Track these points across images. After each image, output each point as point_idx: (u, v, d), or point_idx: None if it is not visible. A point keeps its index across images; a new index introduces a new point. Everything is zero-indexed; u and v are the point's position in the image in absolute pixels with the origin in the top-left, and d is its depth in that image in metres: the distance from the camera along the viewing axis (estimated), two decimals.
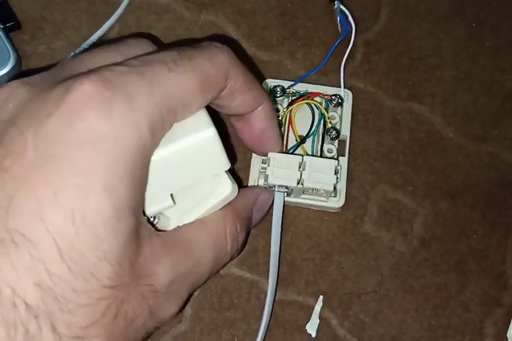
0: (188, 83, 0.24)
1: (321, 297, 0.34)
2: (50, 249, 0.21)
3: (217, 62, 0.26)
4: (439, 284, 0.35)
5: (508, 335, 0.34)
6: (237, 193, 0.29)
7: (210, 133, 0.26)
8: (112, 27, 0.40)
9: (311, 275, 0.35)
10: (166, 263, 0.25)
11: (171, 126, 0.25)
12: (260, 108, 0.30)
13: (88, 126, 0.22)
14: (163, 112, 0.24)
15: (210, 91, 0.26)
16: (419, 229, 0.36)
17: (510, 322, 0.34)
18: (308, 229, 0.36)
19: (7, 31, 0.38)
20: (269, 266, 0.33)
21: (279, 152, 0.34)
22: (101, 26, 0.39)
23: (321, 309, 0.34)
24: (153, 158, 0.24)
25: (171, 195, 0.27)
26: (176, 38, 0.40)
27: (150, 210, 0.26)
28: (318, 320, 0.34)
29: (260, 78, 0.38)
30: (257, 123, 0.31)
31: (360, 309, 0.34)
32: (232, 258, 0.30)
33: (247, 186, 0.35)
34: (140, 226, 0.24)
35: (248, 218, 0.31)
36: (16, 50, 0.38)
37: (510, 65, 0.40)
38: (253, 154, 0.36)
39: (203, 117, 0.26)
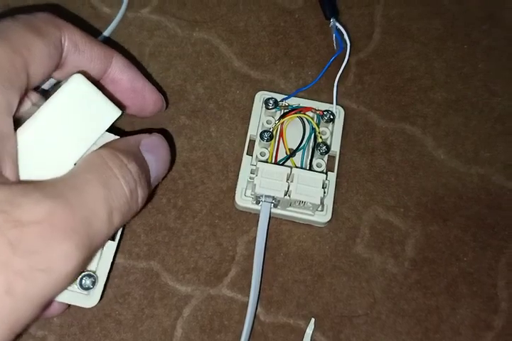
0: (20, 29, 0.26)
1: (313, 319, 0.34)
2: None
3: (40, 16, 0.27)
4: (430, 307, 0.35)
5: None
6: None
7: (78, 78, 0.26)
8: (104, 42, 0.39)
9: (302, 298, 0.35)
10: (34, 194, 0.22)
11: (27, 81, 0.25)
12: (114, 60, 0.31)
13: None
14: (13, 59, 0.24)
15: (44, 35, 0.26)
16: (410, 251, 0.36)
17: None
18: (300, 250, 0.36)
19: None
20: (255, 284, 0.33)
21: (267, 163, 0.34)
22: None
23: (313, 332, 0.34)
24: (35, 126, 0.25)
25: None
26: (169, 54, 0.40)
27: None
28: None
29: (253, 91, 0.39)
30: (121, 75, 0.32)
31: (351, 332, 0.34)
32: (139, 195, 0.27)
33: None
34: None
35: (133, 153, 0.28)
36: None
37: (502, 87, 0.40)
38: (242, 163, 0.36)
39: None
